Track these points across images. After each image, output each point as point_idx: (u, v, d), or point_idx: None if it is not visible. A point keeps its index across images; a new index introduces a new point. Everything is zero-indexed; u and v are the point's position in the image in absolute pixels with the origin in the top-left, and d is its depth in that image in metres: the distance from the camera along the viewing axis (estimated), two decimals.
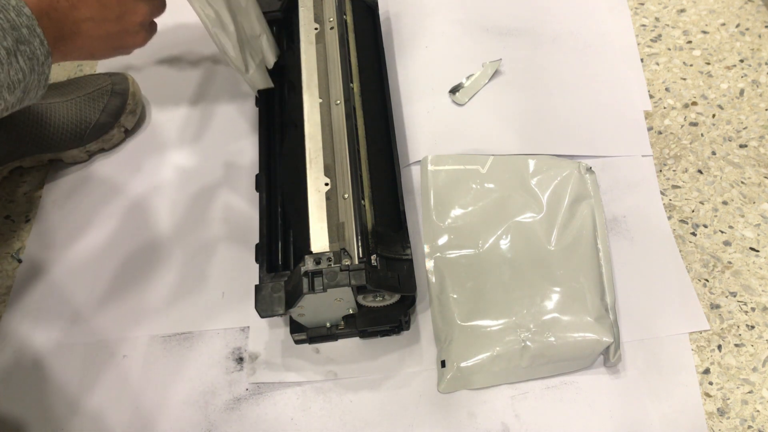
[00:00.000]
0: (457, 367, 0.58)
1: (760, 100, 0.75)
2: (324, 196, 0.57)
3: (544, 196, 0.66)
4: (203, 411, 0.59)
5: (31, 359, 0.63)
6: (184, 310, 0.65)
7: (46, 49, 0.49)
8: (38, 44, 0.48)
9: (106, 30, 0.54)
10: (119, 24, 0.55)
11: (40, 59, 0.48)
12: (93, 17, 0.52)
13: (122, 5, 0.54)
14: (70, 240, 0.70)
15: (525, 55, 0.78)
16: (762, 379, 0.59)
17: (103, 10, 0.53)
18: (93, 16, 0.52)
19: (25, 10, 0.48)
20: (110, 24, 0.54)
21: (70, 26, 0.51)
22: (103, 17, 0.53)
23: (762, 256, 0.65)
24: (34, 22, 0.48)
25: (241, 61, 0.66)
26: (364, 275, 0.52)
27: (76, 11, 0.51)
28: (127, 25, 0.55)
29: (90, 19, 0.52)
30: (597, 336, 0.57)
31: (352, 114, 0.62)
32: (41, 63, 0.49)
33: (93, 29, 0.53)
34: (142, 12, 0.56)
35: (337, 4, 0.69)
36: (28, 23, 0.48)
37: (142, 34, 0.58)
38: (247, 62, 0.67)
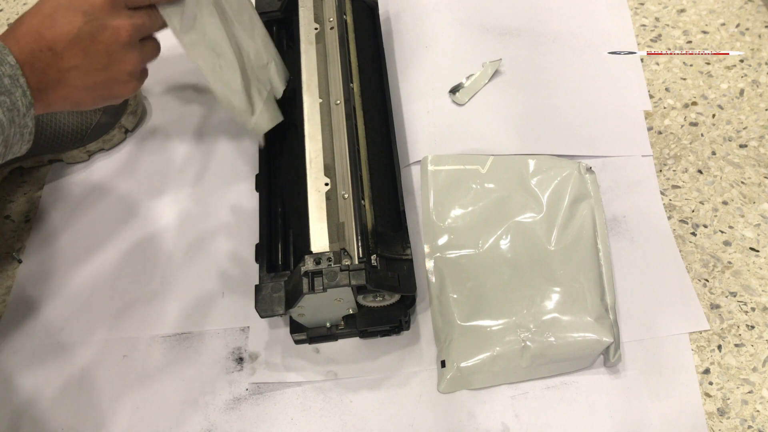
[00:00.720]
0: (457, 367, 0.58)
1: (760, 100, 0.75)
2: (324, 196, 0.57)
3: (544, 196, 0.66)
4: (203, 411, 0.59)
5: (31, 359, 0.63)
6: (184, 310, 0.65)
7: (29, 100, 0.46)
8: (20, 95, 0.46)
9: (92, 80, 0.51)
10: (107, 73, 0.51)
11: (21, 111, 0.46)
12: (78, 66, 0.49)
13: (110, 54, 0.50)
14: (70, 240, 0.70)
15: (525, 55, 0.78)
16: (762, 379, 0.59)
17: (90, 59, 0.49)
18: (79, 66, 0.49)
19: (8, 59, 0.45)
20: (97, 73, 0.50)
21: (54, 76, 0.49)
22: (90, 66, 0.50)
23: (762, 256, 0.65)
24: (17, 72, 0.46)
25: (247, 104, 0.60)
26: (364, 275, 0.52)
27: (61, 60, 0.48)
28: (116, 74, 0.52)
29: (75, 68, 0.49)
30: (597, 336, 0.58)
31: (352, 114, 0.62)
32: (22, 115, 0.46)
33: (78, 79, 0.50)
34: (132, 61, 0.52)
35: (337, 4, 0.69)
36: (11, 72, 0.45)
37: (132, 83, 0.54)
38: (253, 102, 0.61)
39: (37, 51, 0.47)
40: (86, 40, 0.49)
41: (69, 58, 0.48)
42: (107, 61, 0.50)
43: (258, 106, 0.61)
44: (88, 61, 0.49)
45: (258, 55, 0.62)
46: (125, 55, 0.51)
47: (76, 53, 0.49)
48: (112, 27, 0.49)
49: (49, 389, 0.61)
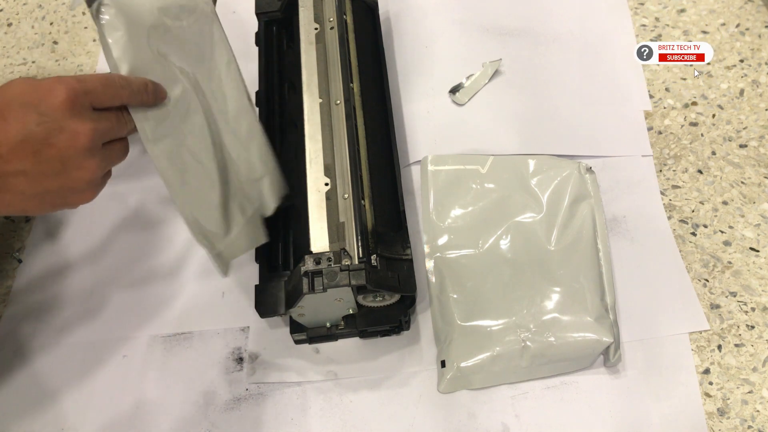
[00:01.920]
0: (457, 367, 0.58)
1: (760, 100, 0.75)
2: (324, 196, 0.57)
3: (544, 196, 0.66)
4: (203, 411, 0.59)
5: (31, 359, 0.63)
6: (184, 310, 0.65)
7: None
8: None
9: (42, 187, 0.44)
10: (60, 180, 0.44)
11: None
12: (26, 172, 0.42)
13: (65, 161, 0.43)
14: (71, 240, 0.70)
15: (525, 55, 0.78)
16: (762, 379, 0.59)
17: (40, 164, 0.42)
18: (26, 171, 0.42)
19: None
20: (48, 180, 0.43)
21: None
22: (40, 173, 0.43)
23: (762, 256, 0.65)
24: None
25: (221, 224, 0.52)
26: (364, 275, 0.52)
27: (5, 164, 0.42)
28: (71, 182, 0.44)
29: (22, 173, 0.42)
30: (597, 336, 0.58)
31: (352, 114, 0.62)
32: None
33: (25, 186, 0.43)
34: (90, 168, 0.45)
35: (337, 4, 0.69)
36: None
37: (89, 192, 0.46)
38: (231, 220, 0.54)
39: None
40: (37, 143, 0.42)
41: (15, 162, 0.42)
42: (61, 167, 0.43)
43: (236, 225, 0.55)
44: (39, 167, 0.43)
45: (250, 167, 0.56)
46: (83, 161, 0.44)
47: (24, 157, 0.42)
48: (70, 131, 0.43)
49: (49, 389, 0.61)
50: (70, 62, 0.85)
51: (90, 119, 0.44)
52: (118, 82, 0.46)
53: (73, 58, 0.86)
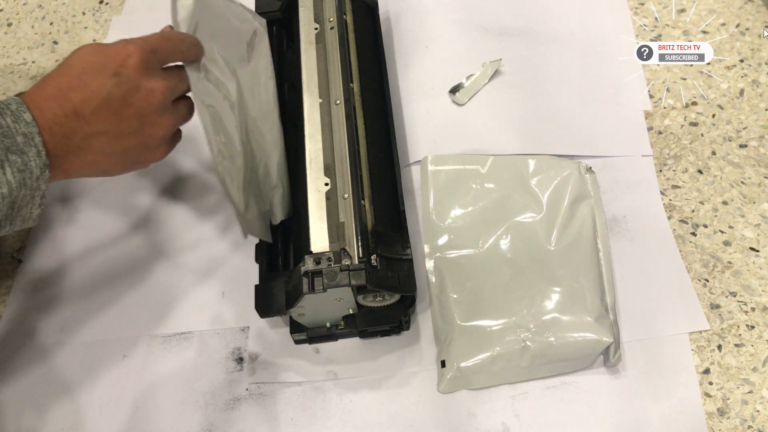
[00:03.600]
0: (457, 367, 0.58)
1: (760, 100, 0.75)
2: (324, 196, 0.57)
3: (544, 196, 0.66)
4: (203, 411, 0.59)
5: (31, 359, 0.63)
6: (184, 310, 0.65)
7: (43, 161, 0.42)
8: (34, 155, 0.42)
9: (121, 146, 0.46)
10: (137, 138, 0.47)
11: (35, 173, 0.42)
12: (107, 132, 0.45)
13: (142, 118, 0.46)
14: (70, 240, 0.70)
15: (525, 55, 0.78)
16: (762, 379, 0.59)
17: (120, 123, 0.45)
18: (107, 131, 0.45)
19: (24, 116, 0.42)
20: (127, 139, 0.46)
21: (77, 141, 0.44)
22: (119, 132, 0.45)
23: (762, 256, 0.65)
24: (33, 130, 0.42)
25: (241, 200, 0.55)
26: (364, 275, 0.52)
27: (87, 125, 0.44)
28: (147, 139, 0.47)
29: (103, 133, 0.45)
30: (597, 336, 0.58)
31: (352, 114, 0.62)
32: (35, 177, 0.42)
33: (106, 145, 0.45)
34: (165, 124, 0.48)
35: (337, 4, 0.69)
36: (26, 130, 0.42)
37: (162, 148, 0.50)
38: (248, 203, 0.57)
39: (61, 115, 0.43)
40: (117, 103, 0.44)
41: (96, 123, 0.44)
42: (138, 125, 0.46)
43: (251, 211, 0.57)
44: (119, 126, 0.45)
45: (268, 174, 0.59)
46: (158, 118, 0.47)
47: (105, 118, 0.44)
48: (146, 89, 0.45)
49: (49, 389, 0.61)
50: None
51: (161, 77, 0.46)
52: (175, 36, 0.48)
53: None
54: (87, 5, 0.91)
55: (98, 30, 0.88)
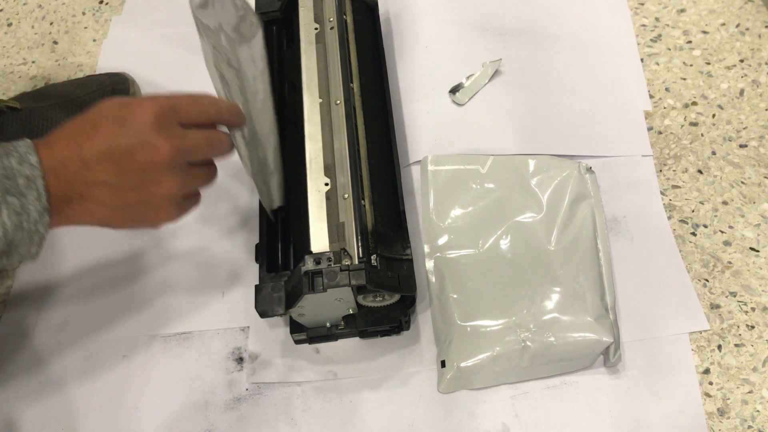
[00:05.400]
0: (457, 367, 0.58)
1: (760, 100, 0.75)
2: (324, 196, 0.57)
3: (544, 196, 0.66)
4: (203, 411, 0.59)
5: (31, 359, 0.63)
6: (184, 310, 0.65)
7: (43, 205, 0.42)
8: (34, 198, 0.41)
9: (122, 200, 0.45)
10: (139, 195, 0.45)
11: (33, 216, 0.42)
12: (108, 183, 0.44)
13: (144, 174, 0.44)
14: (70, 240, 0.70)
15: (525, 55, 0.78)
16: (762, 379, 0.59)
17: (121, 176, 0.44)
18: (107, 181, 0.44)
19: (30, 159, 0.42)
20: (128, 194, 0.45)
21: (79, 188, 0.44)
22: (120, 185, 0.44)
23: (762, 256, 0.65)
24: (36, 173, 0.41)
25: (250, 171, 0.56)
26: (364, 275, 0.52)
27: (89, 172, 0.43)
28: (149, 197, 0.46)
29: (104, 184, 0.44)
30: (597, 336, 0.57)
31: (352, 114, 0.62)
32: (33, 221, 0.42)
33: (106, 196, 0.44)
34: (169, 185, 0.46)
35: (337, 4, 0.69)
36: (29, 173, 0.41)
37: (168, 209, 0.47)
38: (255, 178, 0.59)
39: (67, 158, 0.43)
40: (120, 155, 0.43)
41: (98, 172, 0.43)
42: (140, 181, 0.45)
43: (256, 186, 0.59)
44: (120, 178, 0.44)
45: (265, 160, 0.59)
46: (161, 177, 0.45)
47: (107, 168, 0.43)
48: (151, 145, 0.44)
49: (49, 389, 0.61)
50: (70, 62, 0.85)
51: (174, 136, 0.45)
52: (206, 99, 0.48)
53: (73, 58, 0.86)
54: (87, 5, 0.91)
55: (98, 30, 0.88)
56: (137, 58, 0.83)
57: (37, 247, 0.43)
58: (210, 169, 0.50)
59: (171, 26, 0.85)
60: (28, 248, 0.43)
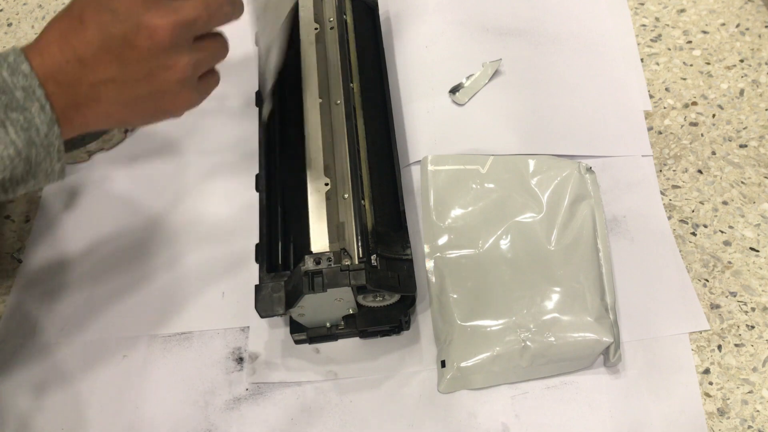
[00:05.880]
0: (457, 367, 0.58)
1: (760, 100, 0.75)
2: (324, 196, 0.57)
3: (544, 196, 0.66)
4: (203, 411, 0.59)
5: (31, 359, 0.63)
6: (184, 310, 0.65)
7: (49, 116, 0.38)
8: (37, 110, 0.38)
9: (133, 93, 0.41)
10: (149, 84, 0.41)
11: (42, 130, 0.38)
12: (114, 78, 0.40)
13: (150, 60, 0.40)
14: (70, 240, 0.70)
15: (525, 55, 0.78)
16: (762, 379, 0.59)
17: (125, 68, 0.40)
18: (114, 77, 0.40)
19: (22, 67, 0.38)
20: (138, 85, 0.41)
21: (85, 91, 0.40)
22: (126, 77, 0.40)
23: (762, 256, 0.65)
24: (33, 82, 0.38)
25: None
26: (364, 275, 0.52)
27: (91, 72, 0.39)
28: (162, 84, 0.42)
29: (110, 80, 0.40)
30: (597, 336, 0.58)
31: (352, 114, 0.62)
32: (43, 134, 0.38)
33: (115, 93, 0.41)
34: (179, 66, 0.41)
35: (337, 4, 0.69)
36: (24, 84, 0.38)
37: (184, 93, 0.43)
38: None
39: (63, 62, 0.39)
40: (117, 44, 0.39)
41: (100, 69, 0.39)
42: (147, 69, 0.40)
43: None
44: (125, 71, 0.40)
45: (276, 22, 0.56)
46: (168, 60, 0.41)
47: (108, 62, 0.39)
48: (148, 27, 0.39)
49: (49, 389, 0.61)
50: None
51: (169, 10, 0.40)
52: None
53: None
54: None
55: None
56: None
57: (58, 161, 0.40)
58: (218, 41, 0.45)
59: None
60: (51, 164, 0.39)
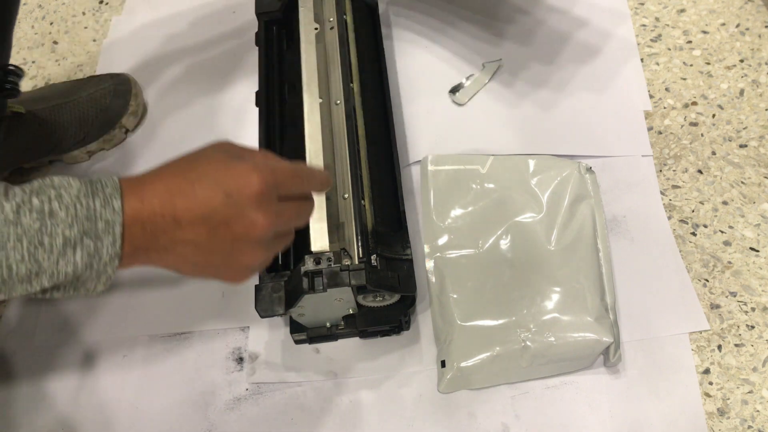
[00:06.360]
0: (457, 367, 0.58)
1: (760, 100, 0.75)
2: (324, 196, 0.57)
3: (544, 196, 0.66)
4: (203, 411, 0.59)
5: (31, 359, 0.63)
6: (184, 310, 0.65)
7: (116, 251, 0.41)
8: (109, 243, 0.40)
9: (206, 259, 0.44)
10: (224, 259, 0.44)
11: (104, 259, 0.41)
12: (198, 243, 0.43)
13: (236, 243, 0.43)
14: None
15: (525, 56, 0.78)
16: (762, 379, 0.59)
17: (213, 240, 0.43)
18: (198, 243, 0.43)
19: (114, 203, 0.40)
20: (214, 255, 0.44)
21: (164, 242, 0.43)
22: (209, 247, 0.43)
23: (762, 256, 0.65)
24: (116, 218, 0.40)
25: None
26: (364, 275, 0.52)
27: (179, 231, 0.42)
28: (231, 263, 0.45)
29: (193, 243, 0.43)
30: (597, 336, 0.57)
31: (352, 114, 0.62)
32: (103, 263, 0.41)
33: (191, 254, 0.44)
34: (254, 257, 0.45)
35: (337, 4, 0.69)
36: (110, 218, 0.40)
37: (244, 274, 0.47)
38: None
39: (159, 215, 0.42)
40: (217, 221, 0.42)
41: (190, 232, 0.42)
42: (229, 248, 0.44)
43: None
44: (210, 242, 0.43)
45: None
46: (250, 249, 0.45)
47: (200, 231, 0.42)
48: (250, 219, 0.43)
49: (49, 389, 0.61)
50: (70, 62, 0.85)
51: (272, 212, 0.44)
52: (305, 173, 0.47)
53: (73, 58, 0.86)
54: (87, 5, 0.91)
55: (98, 30, 0.88)
56: (137, 58, 0.83)
57: (102, 285, 0.42)
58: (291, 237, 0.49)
59: (171, 26, 0.85)
60: (94, 285, 0.42)
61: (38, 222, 0.38)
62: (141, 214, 0.41)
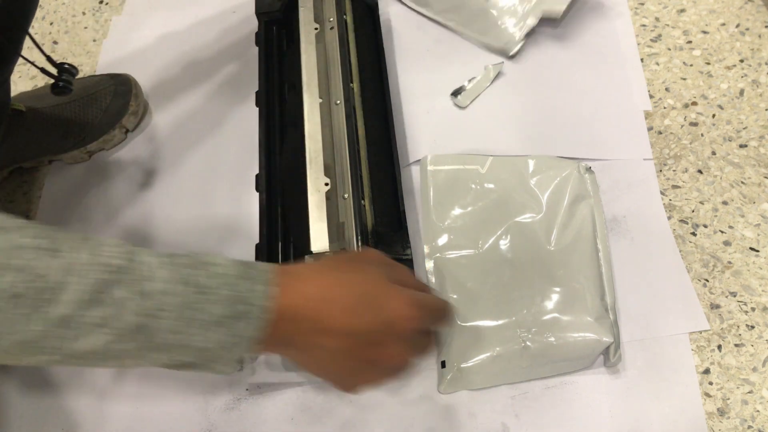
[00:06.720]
0: (457, 368, 0.58)
1: (760, 100, 0.75)
2: (324, 196, 0.57)
3: (543, 196, 0.66)
4: (203, 411, 0.59)
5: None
6: None
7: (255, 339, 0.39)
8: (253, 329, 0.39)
9: (332, 366, 0.44)
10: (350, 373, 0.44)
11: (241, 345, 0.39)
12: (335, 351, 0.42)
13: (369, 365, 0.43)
14: None
15: (526, 56, 0.78)
16: (762, 379, 0.59)
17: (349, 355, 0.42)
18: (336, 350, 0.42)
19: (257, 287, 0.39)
20: (343, 368, 0.44)
21: (303, 344, 0.41)
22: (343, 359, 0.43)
23: (762, 256, 0.65)
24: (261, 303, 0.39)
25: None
26: None
27: (323, 338, 0.41)
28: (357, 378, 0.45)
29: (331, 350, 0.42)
30: (597, 336, 0.57)
31: (352, 114, 0.62)
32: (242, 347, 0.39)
33: (323, 359, 0.43)
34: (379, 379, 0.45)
35: (337, 4, 0.69)
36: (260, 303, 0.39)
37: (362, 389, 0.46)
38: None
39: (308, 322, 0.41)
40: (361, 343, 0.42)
41: (333, 340, 0.41)
42: (363, 367, 0.44)
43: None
44: (348, 355, 0.42)
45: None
46: (375, 375, 0.45)
47: (341, 343, 0.42)
48: (388, 348, 0.43)
49: (49, 389, 0.61)
50: (70, 62, 0.85)
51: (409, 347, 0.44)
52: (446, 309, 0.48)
53: (73, 58, 0.86)
54: (87, 5, 0.91)
55: (98, 30, 0.88)
56: (137, 58, 0.83)
57: (231, 369, 0.41)
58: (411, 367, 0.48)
59: (171, 26, 0.85)
60: (223, 368, 0.41)
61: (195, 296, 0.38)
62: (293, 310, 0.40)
